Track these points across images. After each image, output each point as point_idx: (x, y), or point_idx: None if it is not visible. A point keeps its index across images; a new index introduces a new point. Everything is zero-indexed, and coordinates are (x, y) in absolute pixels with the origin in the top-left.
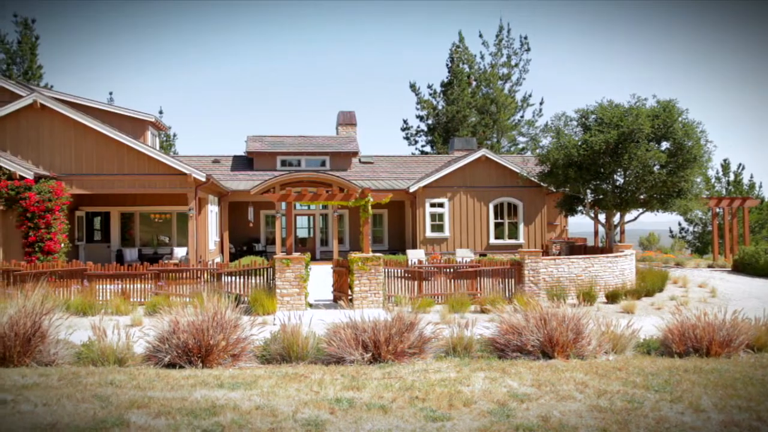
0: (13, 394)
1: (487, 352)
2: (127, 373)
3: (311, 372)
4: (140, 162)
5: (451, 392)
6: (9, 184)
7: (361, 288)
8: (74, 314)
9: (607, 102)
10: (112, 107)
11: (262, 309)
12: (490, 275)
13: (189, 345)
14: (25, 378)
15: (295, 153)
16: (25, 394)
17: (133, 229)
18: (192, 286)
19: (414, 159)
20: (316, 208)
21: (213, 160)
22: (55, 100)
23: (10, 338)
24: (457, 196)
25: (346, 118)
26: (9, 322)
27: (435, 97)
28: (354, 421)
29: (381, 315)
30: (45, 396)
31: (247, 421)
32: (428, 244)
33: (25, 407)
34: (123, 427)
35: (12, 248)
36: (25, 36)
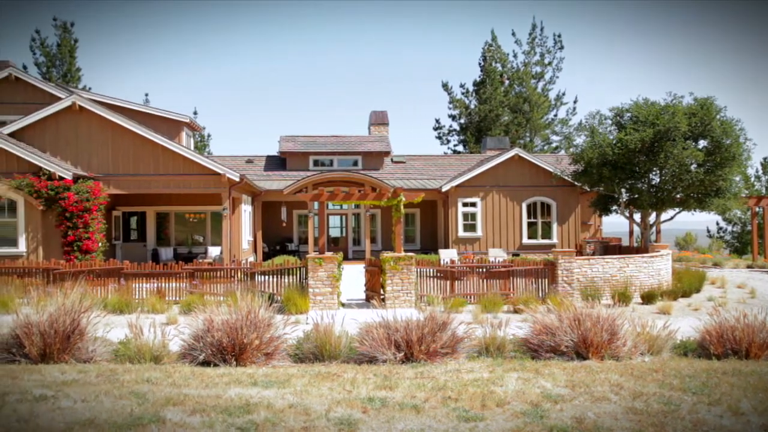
0: (54, 390)
1: (520, 352)
2: (163, 370)
3: (344, 371)
4: (175, 162)
5: (484, 392)
6: (49, 185)
7: (394, 287)
8: (111, 312)
9: (642, 100)
10: (148, 108)
11: (294, 308)
12: (523, 275)
13: (223, 343)
14: (65, 374)
15: (328, 153)
16: (65, 390)
17: (169, 228)
18: (226, 285)
19: (446, 158)
20: (348, 208)
21: (246, 160)
22: (93, 102)
23: (50, 335)
24: (489, 195)
25: (378, 118)
26: (49, 320)
27: (467, 96)
28: (387, 420)
29: (413, 314)
30: (84, 392)
31: (281, 419)
32: (461, 244)
33: (65, 403)
34: (159, 424)
35: (51, 247)
36: (65, 39)
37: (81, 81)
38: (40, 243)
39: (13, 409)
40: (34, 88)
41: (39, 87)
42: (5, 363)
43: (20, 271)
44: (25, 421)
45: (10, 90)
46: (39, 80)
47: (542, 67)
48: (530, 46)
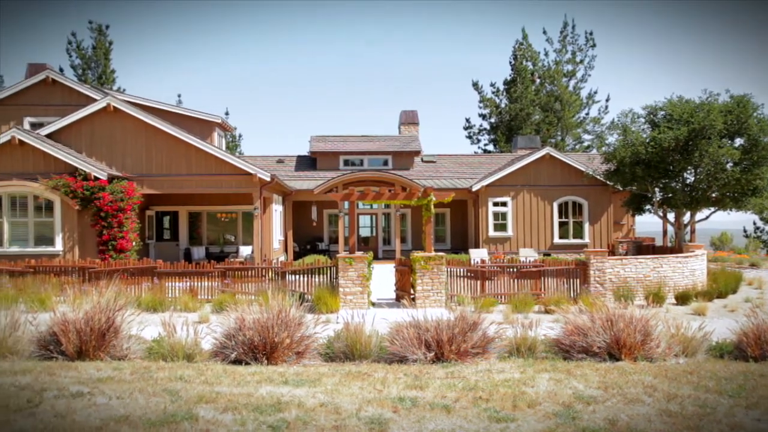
0: (89, 387)
1: (551, 353)
2: (196, 368)
3: (374, 370)
4: (207, 162)
5: (515, 393)
6: (84, 185)
7: (424, 287)
8: (145, 311)
9: (676, 98)
10: (181, 109)
11: (325, 307)
12: (555, 275)
13: (254, 342)
14: (100, 371)
15: (358, 153)
16: (101, 387)
17: (201, 228)
18: (257, 284)
19: (476, 158)
20: (378, 208)
21: (277, 160)
22: (127, 103)
23: (86, 333)
24: (520, 195)
25: (408, 118)
26: (85, 318)
27: (498, 96)
28: (417, 420)
29: (443, 314)
30: (118, 389)
31: (312, 418)
32: (491, 244)
33: (101, 399)
34: (192, 421)
35: (87, 246)
36: (100, 41)
37: (115, 82)
38: (76, 242)
39: (50, 405)
40: (70, 90)
41: (75, 89)
42: (43, 360)
43: (57, 269)
44: (62, 416)
45: (47, 92)
46: (75, 82)
47: (574, 65)
48: (561, 44)
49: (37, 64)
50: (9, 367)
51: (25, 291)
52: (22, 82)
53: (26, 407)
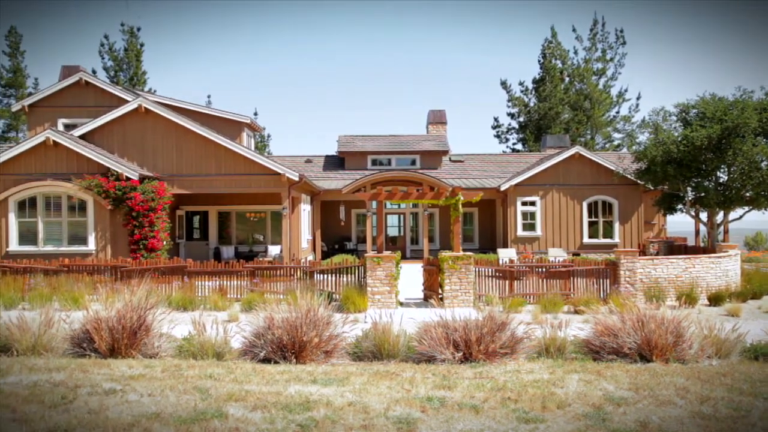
0: (122, 384)
1: (581, 353)
2: (225, 366)
3: (402, 370)
4: (237, 162)
5: (545, 394)
6: (116, 185)
7: (452, 287)
8: (175, 309)
9: (709, 95)
10: (210, 109)
11: (353, 306)
12: (584, 275)
13: (283, 341)
14: (132, 369)
15: (386, 152)
16: (132, 384)
17: (230, 227)
18: (285, 284)
19: (505, 157)
20: (406, 207)
21: (305, 159)
22: (157, 104)
23: (118, 331)
24: (549, 194)
25: (436, 117)
26: (117, 316)
27: (527, 94)
28: (445, 420)
29: (472, 314)
30: (150, 386)
31: (340, 417)
32: (519, 243)
33: (132, 397)
34: (222, 419)
35: (119, 245)
36: (131, 43)
37: (147, 84)
38: (108, 241)
39: (84, 402)
40: (102, 92)
41: (107, 90)
42: (77, 357)
43: (90, 268)
44: (96, 413)
45: (80, 94)
46: (107, 84)
47: (604, 63)
48: (591, 42)
49: (70, 66)
50: (44, 364)
51: (59, 289)
52: (57, 84)
53: (61, 403)
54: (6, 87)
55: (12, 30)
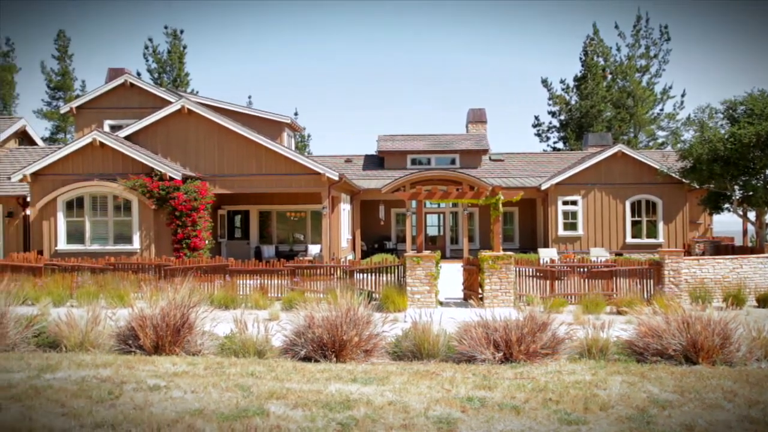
0: (166, 381)
1: (624, 355)
2: (266, 364)
3: (442, 370)
4: (277, 162)
5: (587, 395)
6: (160, 185)
7: (492, 287)
8: (217, 307)
9: (758, 92)
10: (251, 110)
11: (392, 306)
12: (627, 275)
13: (323, 340)
14: (176, 366)
15: (425, 151)
16: (176, 381)
17: (271, 226)
18: (325, 283)
19: (545, 156)
20: (446, 207)
21: (345, 159)
22: (200, 105)
23: (162, 328)
24: (591, 193)
25: (476, 116)
26: (161, 314)
27: (568, 92)
28: (486, 420)
29: (512, 314)
30: (193, 383)
31: (380, 416)
32: (560, 243)
33: (176, 393)
34: (263, 417)
35: (162, 244)
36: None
37: (189, 85)
38: (152, 240)
39: (130, 398)
40: (146, 93)
41: (151, 92)
42: (122, 353)
43: (135, 266)
44: (141, 408)
45: (125, 95)
46: (151, 85)
47: (647, 60)
48: (634, 39)
49: (116, 68)
50: (91, 360)
51: (105, 287)
52: (103, 86)
53: (107, 399)
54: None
55: (60, 34)
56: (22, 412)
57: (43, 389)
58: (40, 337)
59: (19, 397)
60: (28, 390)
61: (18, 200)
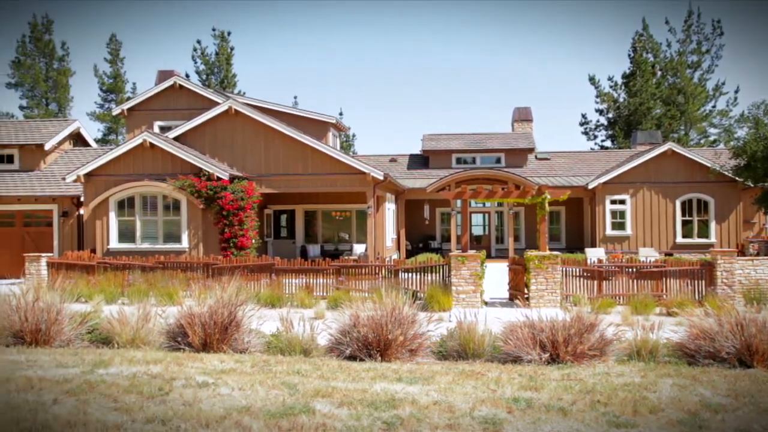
0: (214, 378)
1: (674, 357)
2: (312, 363)
3: (488, 370)
4: (322, 162)
5: (636, 398)
6: (208, 185)
7: (538, 287)
8: (263, 306)
9: None
10: (297, 110)
11: (437, 305)
12: (677, 276)
13: (369, 339)
14: (223, 363)
15: (470, 150)
16: (224, 378)
17: (316, 226)
18: (370, 282)
19: (593, 154)
20: (491, 206)
21: (390, 159)
22: (247, 106)
23: (210, 326)
24: (640, 192)
25: (521, 114)
26: (209, 312)
27: (616, 90)
28: (532, 421)
29: (559, 315)
30: (240, 381)
31: (425, 415)
32: (608, 243)
33: (224, 390)
34: (309, 415)
35: (210, 243)
36: (222, 47)
37: (236, 86)
38: (200, 239)
39: (179, 394)
40: (194, 95)
41: (199, 93)
42: (172, 350)
43: (183, 265)
44: (190, 405)
45: (174, 97)
46: (199, 87)
47: (699, 55)
48: (686, 34)
49: (165, 70)
50: (142, 357)
51: (155, 285)
52: (153, 88)
53: (158, 395)
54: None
55: (112, 38)
56: (77, 406)
57: (96, 384)
58: (93, 333)
59: (74, 392)
60: (82, 385)
61: (72, 200)
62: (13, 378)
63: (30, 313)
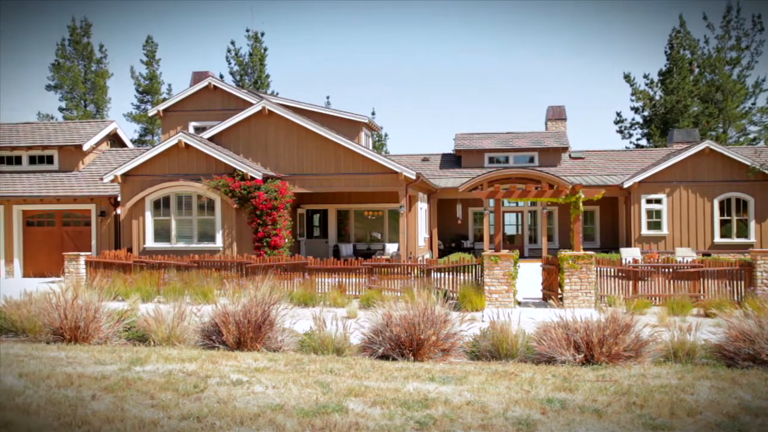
0: (248, 376)
1: (712, 359)
2: (345, 362)
3: (521, 370)
4: (355, 162)
5: (673, 400)
6: (242, 185)
7: (572, 287)
8: (296, 305)
9: None
10: (329, 110)
11: (470, 305)
12: (715, 276)
13: (401, 338)
14: (257, 361)
15: (503, 150)
16: (258, 377)
17: (348, 225)
18: (402, 281)
19: (628, 153)
20: (524, 205)
21: (422, 158)
22: (280, 106)
23: (244, 324)
24: (676, 191)
25: (555, 113)
26: (243, 310)
27: (652, 87)
28: (566, 423)
29: (593, 315)
30: (274, 379)
31: (458, 415)
32: (643, 243)
33: (258, 388)
34: (342, 413)
35: (244, 243)
36: (256, 48)
37: (269, 86)
38: (234, 239)
39: (214, 391)
40: (229, 95)
41: (233, 94)
42: (206, 348)
43: (217, 264)
44: (224, 402)
45: (209, 98)
46: (233, 88)
47: (738, 51)
48: (724, 30)
49: (200, 72)
50: (177, 355)
51: (190, 284)
52: (188, 89)
53: (193, 392)
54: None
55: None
56: (115, 402)
57: (133, 381)
58: (130, 331)
59: (111, 388)
60: (119, 381)
61: (110, 200)
62: (53, 374)
63: (69, 311)
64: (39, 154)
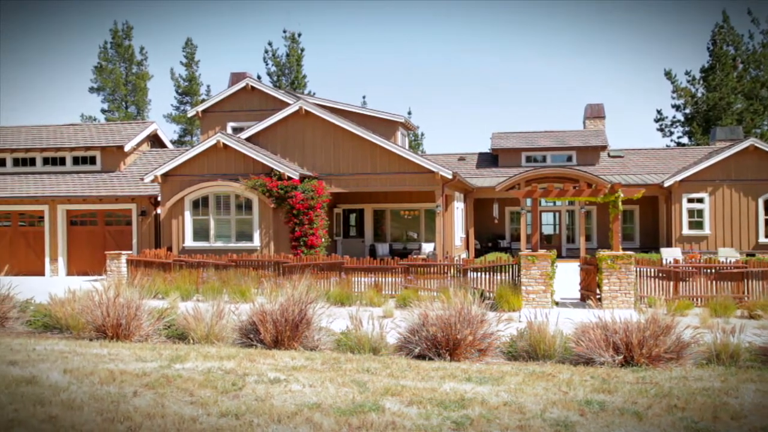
0: (285, 374)
1: (757, 362)
2: (381, 361)
3: (559, 371)
4: (391, 161)
5: (716, 403)
6: (279, 184)
7: (611, 287)
8: (333, 304)
9: None
10: (365, 110)
11: (507, 305)
12: (760, 277)
13: (437, 338)
14: (294, 360)
15: (540, 149)
16: (295, 375)
17: (385, 225)
18: (439, 281)
19: (668, 152)
20: (562, 205)
21: (458, 157)
22: (317, 106)
23: (281, 323)
24: (719, 190)
25: (593, 111)
26: (280, 309)
27: (694, 84)
28: (605, 425)
29: (632, 316)
30: (311, 378)
31: (495, 416)
32: (684, 243)
33: (295, 386)
34: (379, 413)
35: (281, 242)
36: (293, 49)
37: (306, 87)
38: (271, 238)
39: (252, 389)
40: (266, 96)
41: (270, 94)
42: (244, 347)
43: (255, 263)
44: (262, 400)
45: (246, 98)
46: (270, 88)
47: None
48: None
49: (238, 73)
50: (216, 352)
51: (228, 283)
52: (226, 90)
53: (231, 390)
54: (183, 95)
55: (188, 42)
56: (155, 399)
57: (173, 378)
58: (170, 329)
59: (152, 385)
60: (160, 378)
61: (150, 200)
62: (96, 371)
63: (111, 309)
64: (82, 155)
